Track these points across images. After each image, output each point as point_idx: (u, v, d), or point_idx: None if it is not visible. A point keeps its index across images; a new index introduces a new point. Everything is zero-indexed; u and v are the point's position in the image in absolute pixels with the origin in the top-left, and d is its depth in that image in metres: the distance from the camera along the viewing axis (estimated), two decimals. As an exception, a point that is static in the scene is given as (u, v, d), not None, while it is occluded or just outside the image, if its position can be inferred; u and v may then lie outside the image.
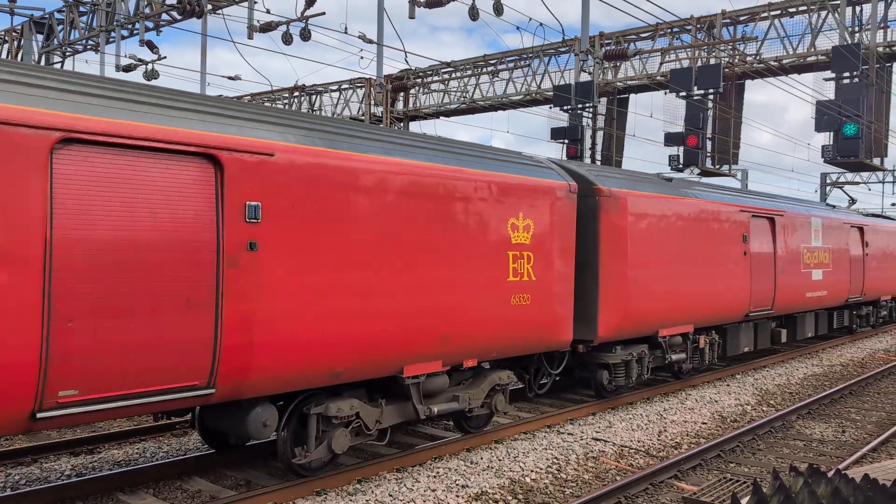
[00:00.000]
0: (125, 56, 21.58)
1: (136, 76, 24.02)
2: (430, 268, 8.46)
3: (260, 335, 6.79)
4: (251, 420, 7.25)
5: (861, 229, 21.91)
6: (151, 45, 20.91)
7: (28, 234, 5.42)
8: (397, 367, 8.33)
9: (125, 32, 21.70)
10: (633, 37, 26.89)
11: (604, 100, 27.45)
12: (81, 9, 23.37)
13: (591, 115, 25.75)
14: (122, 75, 21.63)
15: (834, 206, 22.44)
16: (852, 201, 37.21)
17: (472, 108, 31.50)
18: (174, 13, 19.46)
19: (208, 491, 8.06)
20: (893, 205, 61.45)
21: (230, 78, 22.21)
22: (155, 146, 6.10)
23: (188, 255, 6.31)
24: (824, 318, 20.64)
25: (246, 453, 9.21)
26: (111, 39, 21.84)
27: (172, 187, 6.23)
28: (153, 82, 20.57)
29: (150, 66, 21.18)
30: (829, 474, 5.55)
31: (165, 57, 21.31)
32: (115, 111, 6.00)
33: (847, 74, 21.14)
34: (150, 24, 20.55)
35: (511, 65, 29.81)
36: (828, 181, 50.69)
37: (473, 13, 17.08)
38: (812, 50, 23.37)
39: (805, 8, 23.50)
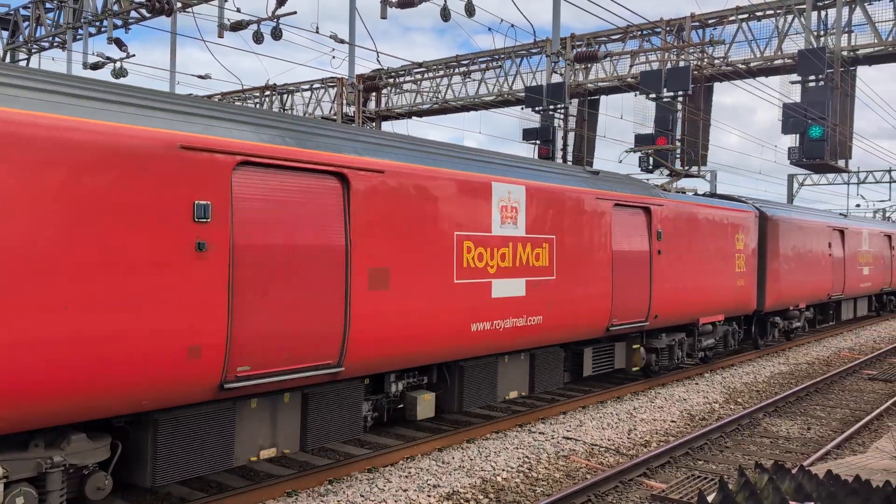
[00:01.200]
0: (93, 54, 21.29)
1: (104, 74, 23.71)
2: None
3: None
4: None
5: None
6: (120, 43, 20.64)
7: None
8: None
9: (93, 30, 21.40)
10: (604, 39, 27.10)
11: (575, 101, 27.62)
12: (48, 5, 23.02)
13: (562, 116, 25.91)
14: (89, 73, 21.34)
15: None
16: None
17: (444, 109, 31.52)
18: (143, 11, 19.24)
19: (178, 493, 7.99)
20: (858, 206, 62.55)
21: (200, 77, 22.00)
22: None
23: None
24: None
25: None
26: (78, 37, 21.53)
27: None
28: (121, 80, 20.32)
29: (118, 65, 20.92)
30: (794, 471, 5.66)
31: (134, 55, 21.08)
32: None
33: (812, 78, 21.48)
34: (119, 22, 20.29)
35: (483, 65, 29.89)
36: (795, 182, 51.52)
37: (445, 14, 17.11)
38: (779, 53, 23.73)
39: (772, 12, 23.86)
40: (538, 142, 26.40)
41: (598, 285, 11.99)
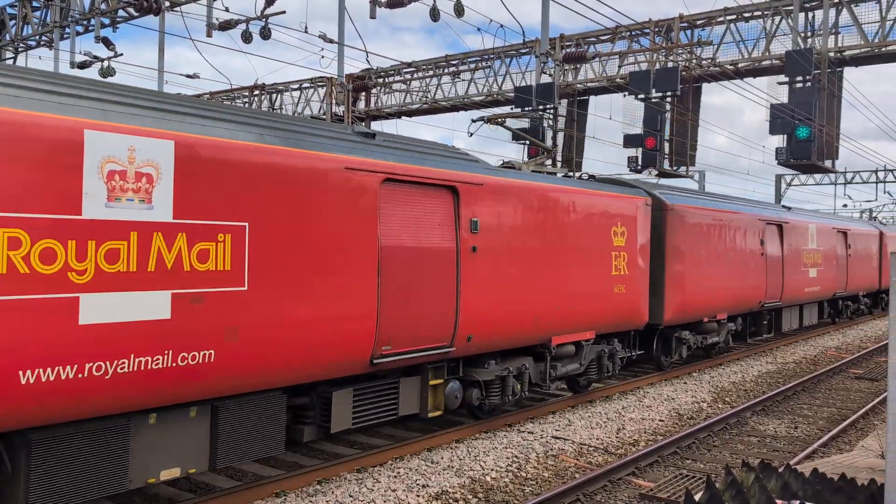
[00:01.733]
0: (80, 53, 21.17)
1: (91, 73, 23.57)
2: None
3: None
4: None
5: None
6: (107, 42, 20.54)
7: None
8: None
9: (80, 28, 21.29)
10: (593, 39, 27.18)
11: (564, 101, 27.69)
12: (35, 3, 22.88)
13: (551, 117, 25.97)
14: (77, 72, 21.22)
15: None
16: None
17: (433, 109, 31.53)
18: (131, 9, 19.15)
19: (166, 494, 7.96)
20: (845, 206, 62.97)
21: (189, 76, 21.92)
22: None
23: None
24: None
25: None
26: (65, 35, 21.42)
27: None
28: (109, 79, 20.23)
29: (105, 64, 20.82)
30: (780, 470, 5.70)
31: (122, 54, 20.98)
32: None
33: (800, 79, 21.63)
34: (106, 21, 20.19)
35: (472, 66, 29.93)
36: (782, 183, 51.83)
37: (434, 14, 17.12)
38: (766, 54, 23.87)
39: (759, 13, 24.00)
40: (527, 142, 26.45)
41: (347, 298, 8.11)
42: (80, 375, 5.92)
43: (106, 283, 6.06)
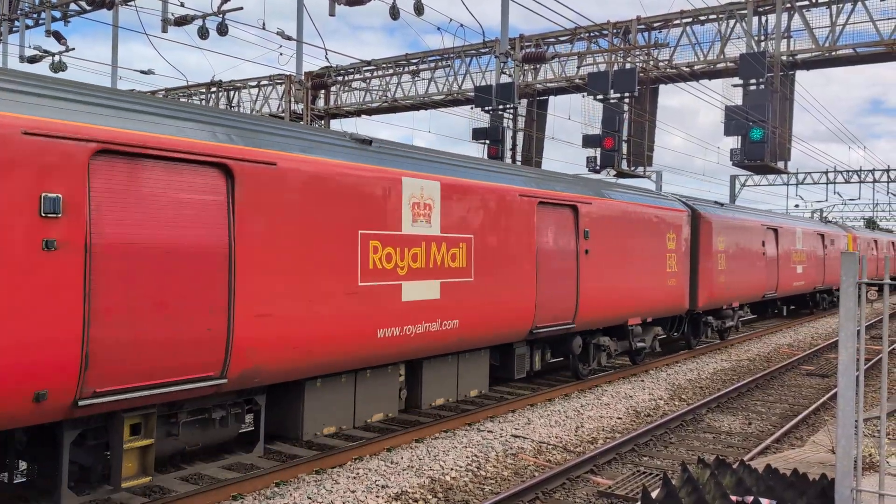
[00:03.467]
0: (30, 47, 20.63)
1: (42, 68, 23.00)
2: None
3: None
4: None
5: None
6: (59, 36, 20.06)
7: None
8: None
9: (30, 22, 20.75)
10: (552, 40, 27.37)
11: (524, 101, 27.84)
12: (-18, -4, 22.22)
13: (511, 117, 26.08)
14: (26, 66, 20.66)
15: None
16: None
17: (393, 108, 31.45)
18: (83, 3, 18.73)
19: (119, 498, 7.79)
20: (797, 206, 64.41)
21: (143, 72, 21.52)
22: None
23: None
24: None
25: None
26: (15, 29, 20.85)
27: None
28: (61, 75, 19.76)
29: (57, 58, 20.32)
30: (735, 466, 5.79)
31: (74, 49, 20.49)
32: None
33: (753, 81, 22.07)
34: (58, 14, 19.72)
35: (432, 65, 29.91)
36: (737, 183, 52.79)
37: (394, 12, 17.06)
38: (721, 57, 24.29)
39: (715, 16, 24.41)
40: (487, 141, 26.54)
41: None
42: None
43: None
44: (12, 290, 5.68)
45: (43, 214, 5.85)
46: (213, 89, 34.19)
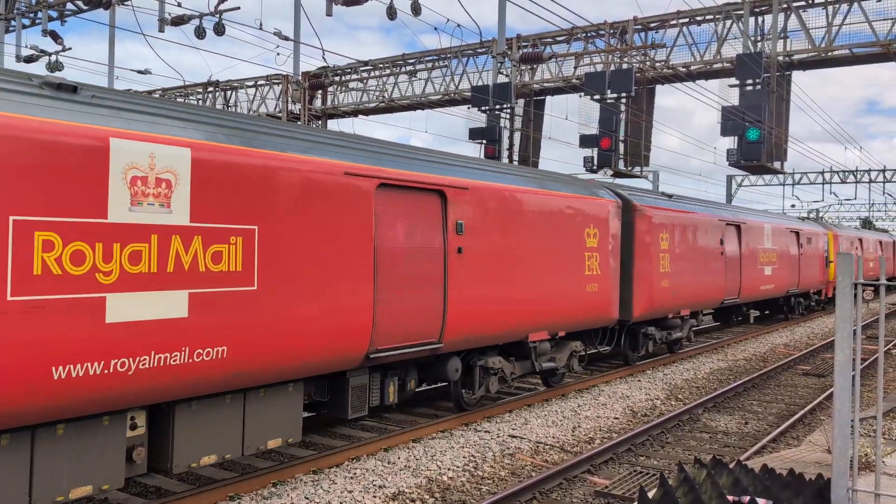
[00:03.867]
0: (26, 46, 20.59)
1: (39, 68, 22.97)
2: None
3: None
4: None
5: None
6: (55, 36, 20.02)
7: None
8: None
9: (27, 21, 20.72)
10: (549, 40, 27.39)
11: (521, 101, 27.86)
12: (-22, -5, 22.18)
13: (508, 116, 26.09)
14: (24, 66, 20.63)
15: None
16: None
17: (390, 108, 31.45)
18: (80, 2, 18.70)
19: (115, 499, 7.78)
20: (793, 206, 64.54)
21: (140, 72, 21.49)
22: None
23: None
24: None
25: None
26: (11, 28, 20.81)
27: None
28: (57, 74, 19.71)
29: (53, 58, 20.28)
30: (731, 466, 5.80)
31: (70, 48, 20.45)
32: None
33: (750, 81, 22.10)
34: (54, 14, 19.68)
35: (429, 65, 29.91)
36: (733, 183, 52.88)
37: (391, 12, 17.06)
38: (718, 57, 24.32)
39: (711, 17, 24.44)
40: (484, 141, 26.55)
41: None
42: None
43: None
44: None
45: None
46: (210, 89, 34.16)
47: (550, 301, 12.37)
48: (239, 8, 17.95)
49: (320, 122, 32.25)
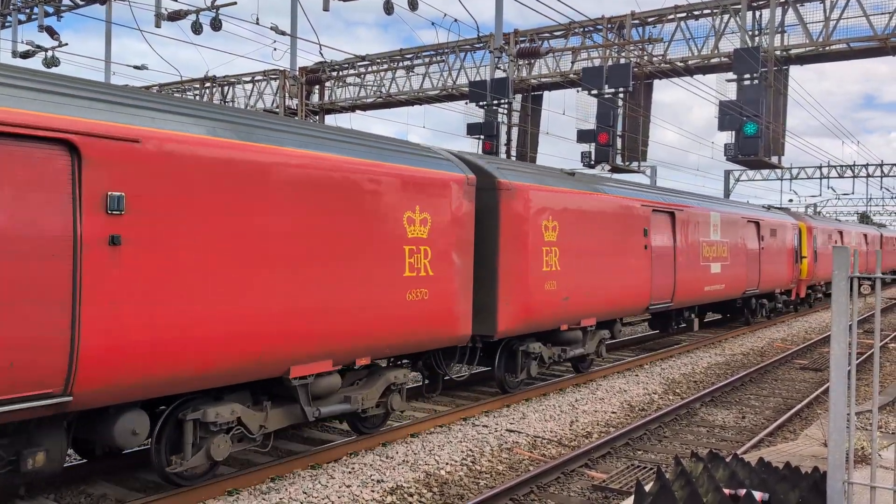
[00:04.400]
0: (22, 42, 20.54)
1: (35, 63, 22.89)
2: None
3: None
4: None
5: None
6: (51, 31, 19.98)
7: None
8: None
9: (23, 17, 20.66)
10: (547, 35, 27.36)
11: (518, 96, 27.84)
12: (-26, -9, 22.11)
13: (506, 112, 26.08)
14: (19, 62, 20.58)
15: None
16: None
17: (388, 103, 31.40)
18: (76, -2, 18.66)
19: (114, 494, 7.80)
20: (791, 200, 64.58)
21: (137, 67, 21.45)
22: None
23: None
24: None
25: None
26: (7, 24, 20.76)
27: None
28: (54, 70, 19.67)
29: (49, 54, 20.24)
30: (728, 459, 5.82)
31: (67, 44, 20.44)
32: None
33: (747, 76, 22.10)
34: (50, 9, 19.63)
35: (427, 60, 29.88)
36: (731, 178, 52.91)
37: (388, 7, 17.04)
38: (715, 52, 24.31)
39: (709, 11, 24.42)
40: (482, 136, 26.55)
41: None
42: None
43: None
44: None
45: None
46: (208, 85, 34.10)
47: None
48: (236, 3, 17.93)
49: (318, 117, 32.21)
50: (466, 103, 27.49)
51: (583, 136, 25.26)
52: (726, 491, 5.09)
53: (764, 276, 23.25)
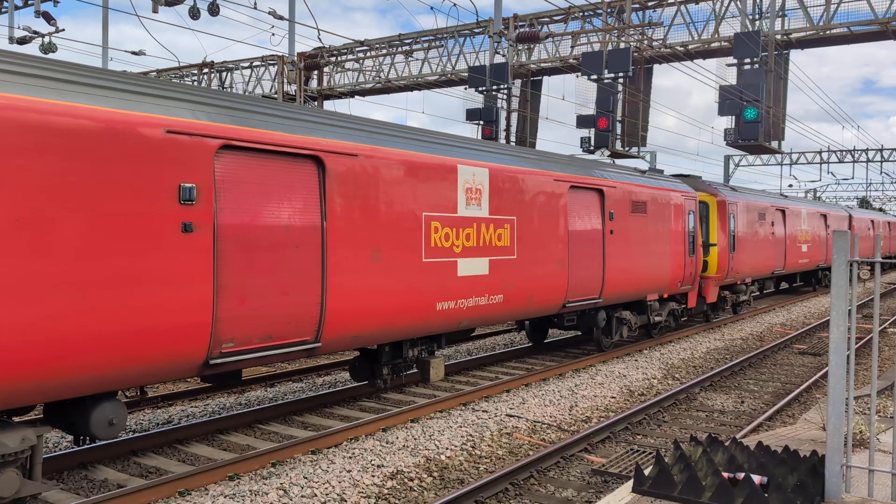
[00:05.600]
0: (19, 28, 20.43)
1: (32, 49, 22.82)
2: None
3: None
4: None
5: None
6: (48, 17, 19.87)
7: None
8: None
9: (19, 2, 20.53)
10: (546, 20, 27.23)
11: (518, 81, 27.74)
12: (-30, -24, 21.96)
13: (505, 97, 26.00)
14: (17, 48, 20.48)
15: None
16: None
17: (387, 88, 31.30)
18: (73, -17, 18.54)
19: (115, 479, 7.84)
20: (790, 186, 64.46)
21: (134, 53, 21.35)
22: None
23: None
24: None
25: (158, 440, 8.99)
26: (3, 10, 20.64)
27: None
28: (51, 56, 19.58)
29: (46, 39, 20.14)
30: (727, 443, 5.85)
31: (64, 29, 20.30)
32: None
33: (748, 61, 22.02)
34: (47, -5, 19.49)
35: (426, 45, 29.75)
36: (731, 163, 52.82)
37: (387, -8, 16.92)
38: (716, 36, 24.21)
39: (709, -5, 24.29)
40: (481, 122, 26.49)
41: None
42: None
43: None
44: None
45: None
46: (206, 70, 33.96)
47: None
48: (233, -12, 17.79)
49: (315, 103, 32.10)
50: (466, 89, 27.41)
51: (582, 121, 25.20)
52: (725, 475, 5.11)
53: (616, 277, 14.66)
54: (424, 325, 10.24)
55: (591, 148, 24.77)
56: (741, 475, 5.14)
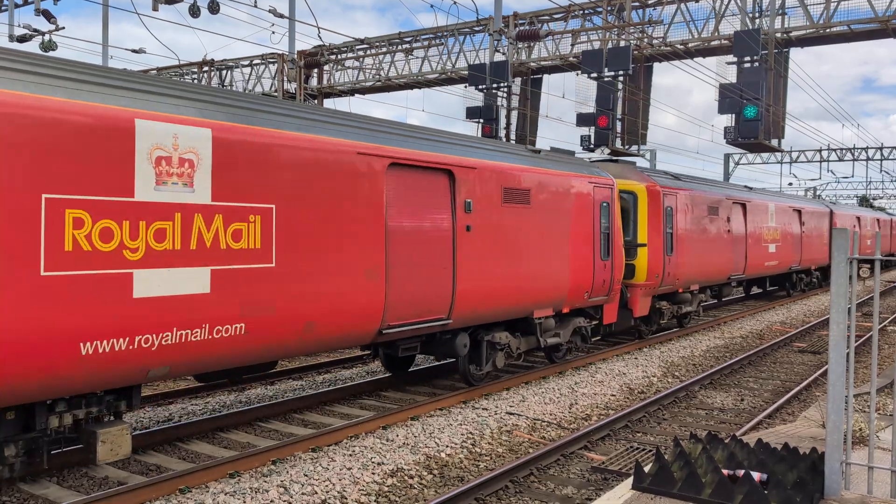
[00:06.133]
0: (19, 25, 20.42)
1: (32, 47, 22.79)
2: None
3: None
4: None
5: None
6: (48, 15, 19.86)
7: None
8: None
9: (20, 0, 20.52)
10: (546, 18, 27.21)
11: (518, 80, 27.73)
12: (-30, -26, 21.95)
13: (505, 95, 25.99)
14: (16, 45, 20.47)
15: None
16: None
17: (387, 86, 31.29)
18: (72, -19, 18.54)
19: (116, 477, 7.85)
20: (790, 184, 64.41)
21: (135, 51, 21.34)
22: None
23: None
24: None
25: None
26: (3, 8, 20.63)
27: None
28: (51, 54, 19.57)
29: (47, 37, 20.13)
30: (727, 441, 5.86)
31: (64, 28, 20.30)
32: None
33: (748, 59, 22.01)
34: (47, -7, 19.49)
35: (426, 43, 29.74)
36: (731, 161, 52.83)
37: (387, -10, 16.92)
38: (716, 34, 24.20)
39: (709, -7, 24.28)
40: (481, 120, 26.48)
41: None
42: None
43: None
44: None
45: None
46: (206, 69, 33.95)
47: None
48: (233, -14, 17.78)
49: (316, 101, 32.10)
50: (466, 87, 27.40)
51: (582, 119, 25.19)
52: (725, 472, 5.12)
53: (475, 288, 10.95)
54: (66, 378, 6.32)
55: (592, 146, 24.77)
56: (741, 472, 5.15)
